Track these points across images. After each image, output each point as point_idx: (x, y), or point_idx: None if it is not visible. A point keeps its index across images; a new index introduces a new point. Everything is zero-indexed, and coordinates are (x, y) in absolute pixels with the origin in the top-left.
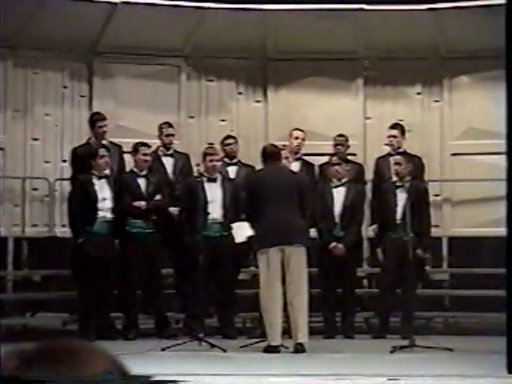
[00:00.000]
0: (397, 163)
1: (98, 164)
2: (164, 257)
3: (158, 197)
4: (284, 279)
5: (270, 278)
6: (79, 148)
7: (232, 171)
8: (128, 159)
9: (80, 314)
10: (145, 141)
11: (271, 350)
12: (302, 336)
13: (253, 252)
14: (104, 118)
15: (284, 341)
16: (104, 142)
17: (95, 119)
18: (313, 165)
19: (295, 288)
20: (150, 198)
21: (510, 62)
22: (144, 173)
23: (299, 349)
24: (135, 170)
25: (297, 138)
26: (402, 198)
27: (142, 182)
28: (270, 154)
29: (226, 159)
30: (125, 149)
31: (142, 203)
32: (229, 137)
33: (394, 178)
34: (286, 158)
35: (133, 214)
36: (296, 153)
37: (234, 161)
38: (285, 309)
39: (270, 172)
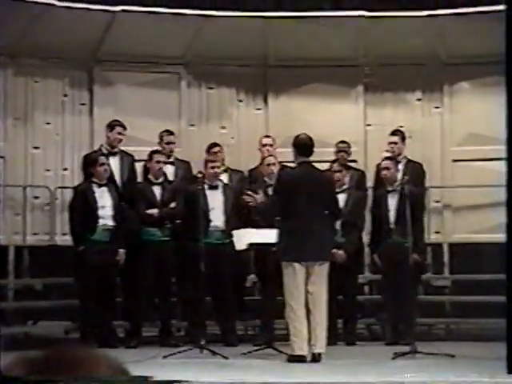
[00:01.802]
0: (385, 168)
1: (98, 171)
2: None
3: (172, 204)
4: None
5: (295, 290)
6: (89, 155)
7: (223, 178)
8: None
9: (82, 322)
10: (148, 149)
11: (298, 359)
12: (321, 346)
13: (276, 258)
14: (124, 127)
15: (286, 348)
16: (116, 150)
17: (115, 124)
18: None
19: (316, 300)
20: (164, 205)
21: (510, 67)
22: (159, 180)
23: (316, 358)
24: (150, 177)
25: (265, 145)
26: (392, 202)
27: (157, 189)
28: (305, 148)
29: None
30: None
31: (155, 211)
32: (215, 144)
33: (384, 183)
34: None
35: (146, 221)
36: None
37: (223, 168)
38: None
39: (302, 173)
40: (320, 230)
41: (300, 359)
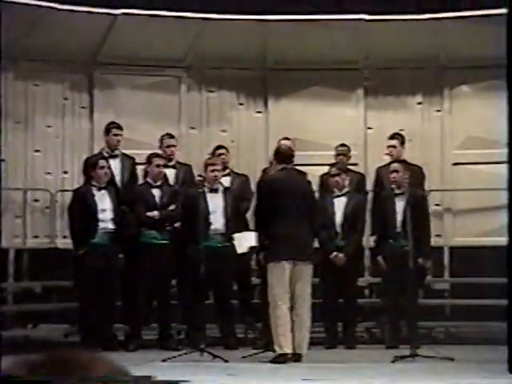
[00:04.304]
0: (394, 171)
1: (98, 175)
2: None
3: (172, 207)
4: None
5: (282, 289)
6: (90, 158)
7: (225, 181)
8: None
9: (82, 326)
10: (148, 152)
11: (283, 359)
12: (304, 347)
13: (263, 262)
14: (120, 127)
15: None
16: (117, 152)
17: (111, 127)
18: (304, 173)
19: (302, 302)
20: (163, 208)
21: (511, 71)
22: (158, 183)
23: (299, 358)
24: (149, 180)
25: None
26: (400, 205)
27: (156, 192)
28: (285, 155)
29: None
30: None
31: (156, 213)
32: (220, 147)
33: (392, 186)
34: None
35: (146, 224)
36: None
37: (227, 171)
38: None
39: (283, 177)
40: (303, 232)
41: (286, 359)
